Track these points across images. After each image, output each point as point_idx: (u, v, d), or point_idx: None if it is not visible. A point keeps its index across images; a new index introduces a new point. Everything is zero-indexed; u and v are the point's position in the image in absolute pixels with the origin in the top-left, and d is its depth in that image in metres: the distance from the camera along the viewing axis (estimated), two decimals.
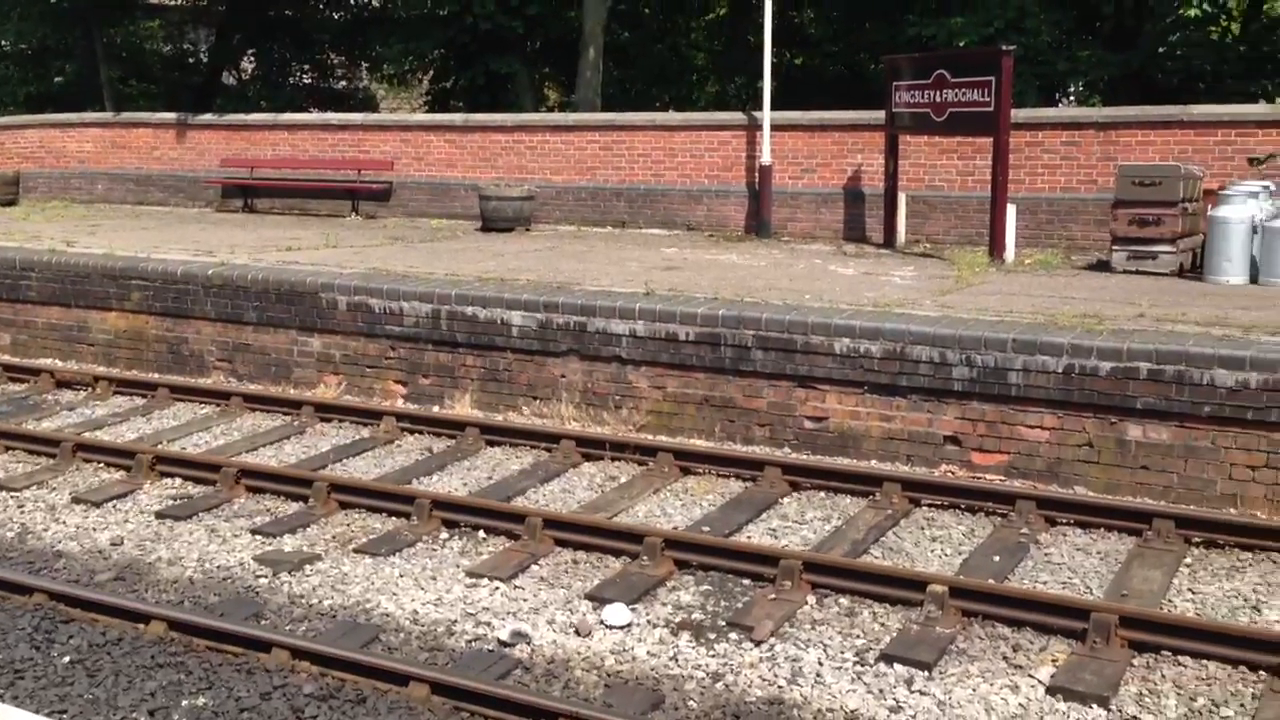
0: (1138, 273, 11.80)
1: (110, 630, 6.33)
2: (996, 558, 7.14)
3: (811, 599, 6.66)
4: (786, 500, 8.34)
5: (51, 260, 13.41)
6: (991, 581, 6.70)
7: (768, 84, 15.70)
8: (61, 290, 13.25)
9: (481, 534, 7.76)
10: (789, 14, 23.50)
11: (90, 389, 11.76)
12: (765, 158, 15.54)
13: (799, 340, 9.32)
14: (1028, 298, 10.31)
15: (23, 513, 8.34)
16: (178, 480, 8.91)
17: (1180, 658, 5.89)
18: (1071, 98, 21.10)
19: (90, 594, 6.67)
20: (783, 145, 15.67)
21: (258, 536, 7.77)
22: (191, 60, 29.47)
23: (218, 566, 7.30)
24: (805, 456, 9.15)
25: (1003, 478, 8.59)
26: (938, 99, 13.28)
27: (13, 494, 8.71)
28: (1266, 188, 11.88)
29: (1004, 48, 12.91)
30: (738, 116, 16.58)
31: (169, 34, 29.11)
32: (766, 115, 15.55)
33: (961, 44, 17.93)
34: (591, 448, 9.36)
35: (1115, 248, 12.10)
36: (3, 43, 25.09)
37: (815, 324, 9.28)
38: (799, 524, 7.90)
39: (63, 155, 21.78)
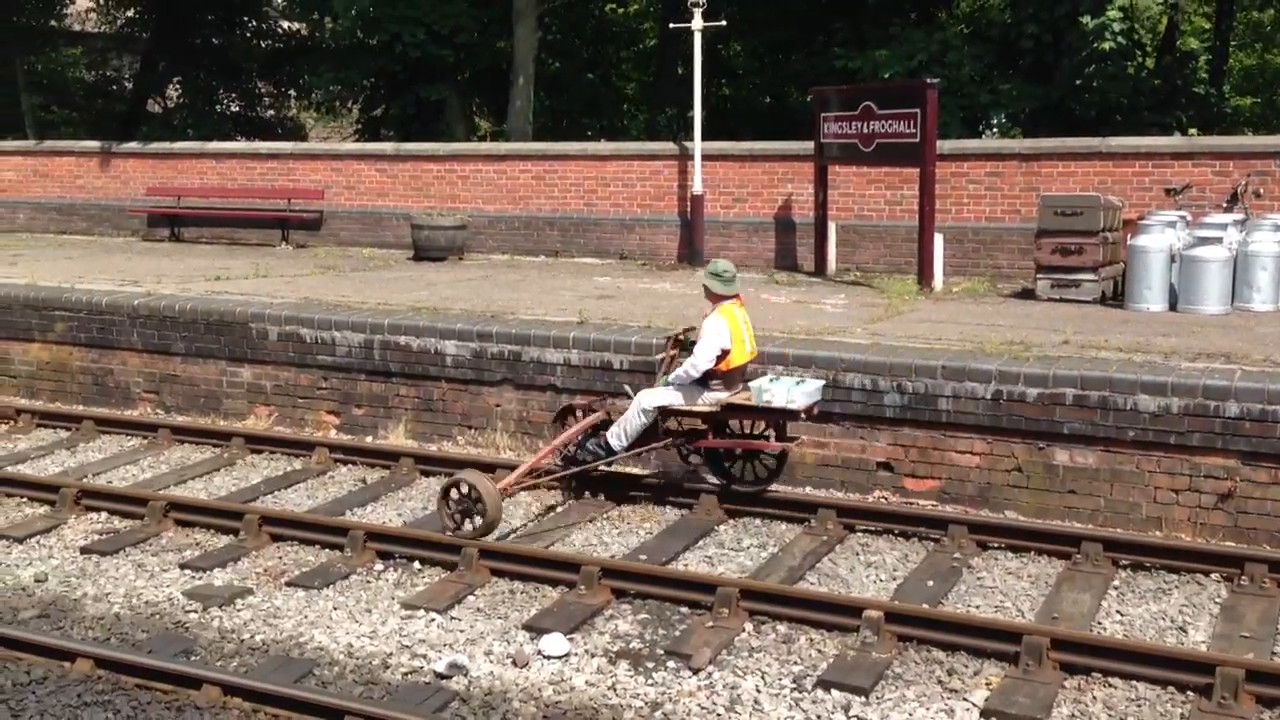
0: (1062, 300, 12.08)
1: (35, 669, 6.16)
2: (930, 582, 7.24)
3: (749, 626, 6.69)
4: (723, 528, 8.38)
5: None
6: (926, 606, 6.79)
7: (698, 114, 15.86)
8: None
9: (417, 565, 7.68)
10: (717, 46, 23.77)
11: (12, 422, 11.46)
12: (697, 187, 15.68)
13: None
14: (956, 325, 10.50)
15: None
16: (104, 514, 8.71)
17: (1110, 679, 6.01)
18: (994, 129, 21.60)
19: (13, 632, 6.48)
20: (714, 175, 15.82)
21: (187, 571, 7.63)
22: (115, 88, 29.01)
23: (146, 602, 7.14)
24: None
25: (935, 503, 8.72)
26: (865, 130, 13.51)
27: None
28: (1183, 217, 12.24)
29: (929, 80, 13.19)
30: (669, 146, 16.72)
31: (92, 61, 28.65)
32: (698, 145, 15.70)
33: (886, 76, 18.28)
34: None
35: (1039, 276, 12.37)
36: None
37: None
38: (735, 551, 7.94)
39: None
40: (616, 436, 8.62)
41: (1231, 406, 7.91)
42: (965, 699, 5.84)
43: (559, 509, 8.80)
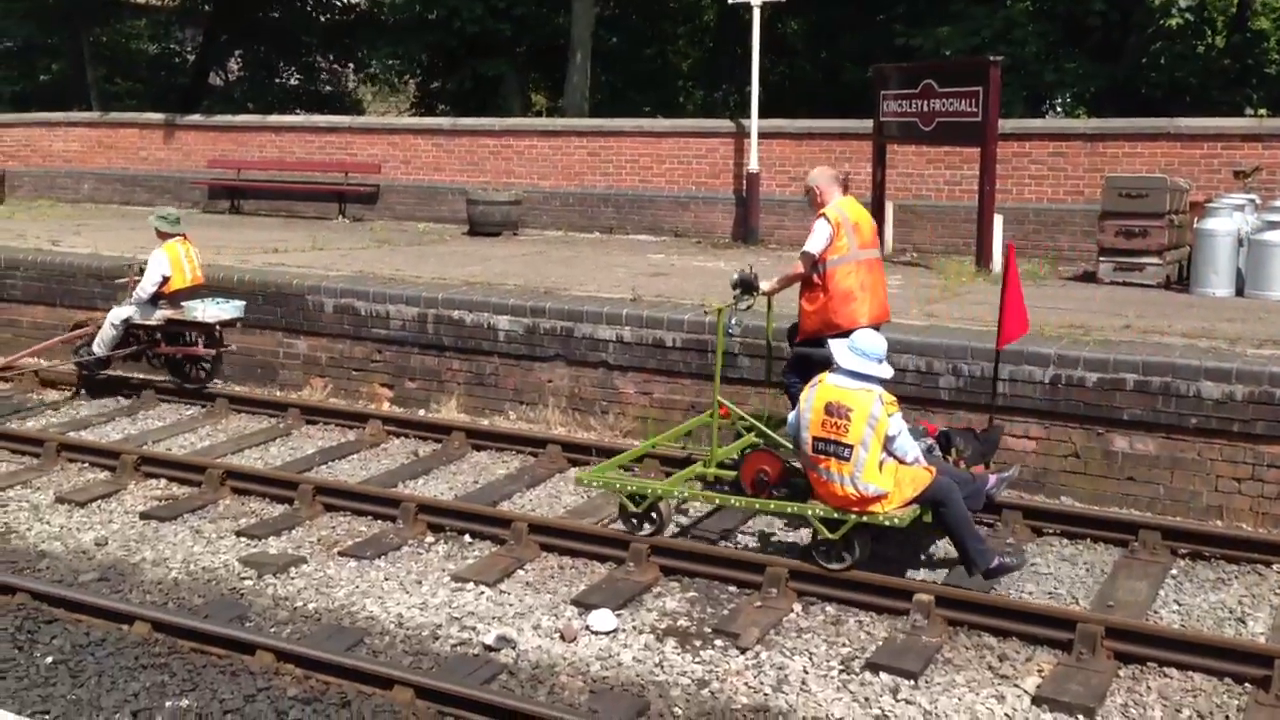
0: (1124, 284, 11.86)
1: (94, 631, 6.29)
2: None
3: (798, 607, 6.66)
4: None
5: (37, 259, 13.33)
6: (977, 592, 6.71)
7: (755, 92, 15.73)
8: (46, 289, 13.17)
9: (467, 538, 7.73)
10: (775, 24, 23.56)
11: (75, 389, 11.68)
12: (753, 165, 15.57)
13: (785, 349, 9.31)
14: None
15: (5, 512, 8.27)
16: (163, 481, 8.86)
17: (1166, 669, 5.91)
18: (1058, 109, 21.21)
19: (74, 594, 6.63)
20: (770, 153, 15.70)
21: (243, 538, 7.74)
22: (178, 61, 29.34)
23: (203, 568, 7.26)
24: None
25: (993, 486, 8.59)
26: (925, 109, 13.33)
27: None
28: (1252, 200, 11.95)
29: (992, 58, 12.97)
30: (725, 124, 16.61)
31: (155, 34, 28.98)
32: (754, 123, 15.58)
33: (948, 54, 18.01)
34: (578, 453, 9.34)
35: (1102, 259, 12.15)
36: None
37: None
38: (786, 530, 7.90)
39: (49, 154, 21.66)
40: (98, 344, 11.08)
41: None
42: (1016, 685, 5.78)
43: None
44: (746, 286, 8.14)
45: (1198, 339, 8.84)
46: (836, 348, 6.88)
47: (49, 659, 6.01)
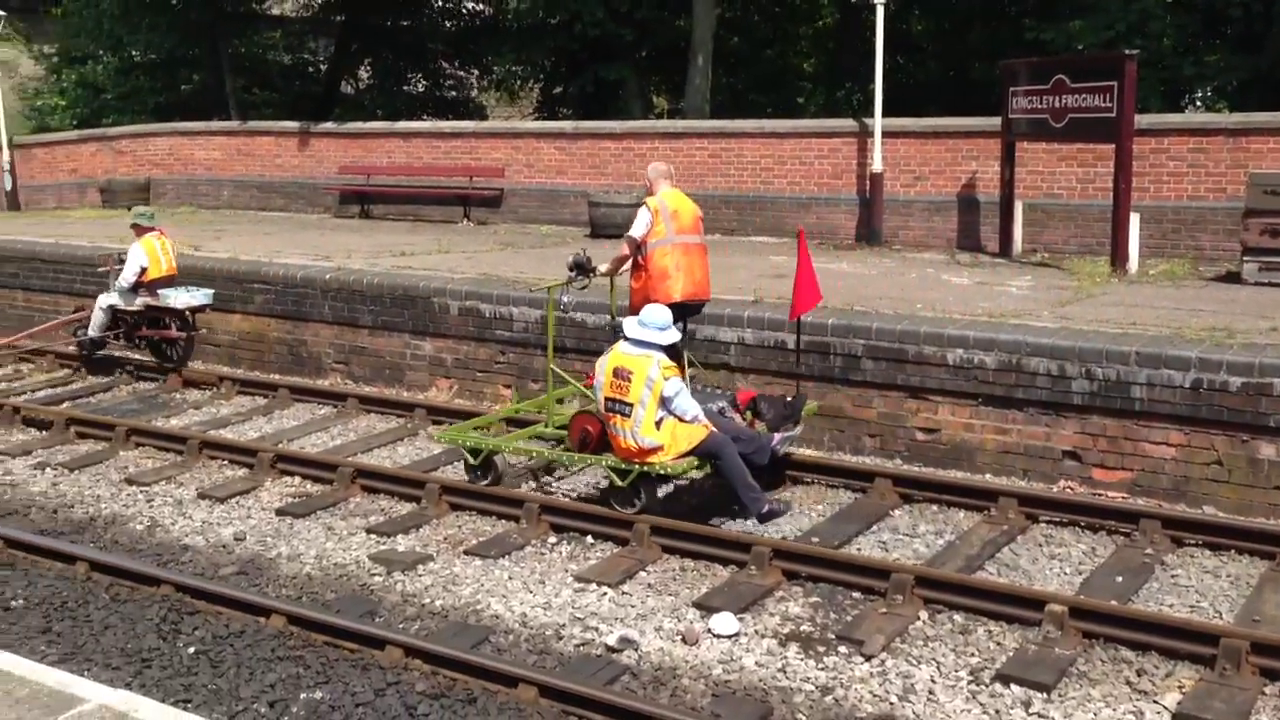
0: (1270, 284, 11.34)
1: (233, 623, 6.52)
2: (1119, 578, 6.93)
3: (924, 615, 6.54)
4: (897, 513, 8.21)
5: (179, 264, 13.85)
6: (1114, 603, 6.49)
7: (879, 90, 15.51)
8: None
9: (589, 539, 7.79)
10: (899, 21, 23.21)
11: (215, 389, 12.14)
12: (876, 165, 15.35)
13: (910, 350, 9.18)
14: (1152, 310, 9.98)
15: (152, 507, 8.64)
16: (297, 479, 9.14)
17: None
18: (1198, 103, 20.40)
19: (215, 587, 6.88)
20: (894, 152, 15.46)
21: (373, 535, 7.93)
22: (311, 70, 30.22)
23: (335, 564, 7.46)
24: (917, 468, 9.00)
25: (1126, 495, 8.33)
26: (1057, 104, 12.96)
27: (143, 488, 9.04)
28: None
29: (1127, 52, 12.56)
30: (848, 123, 16.41)
31: (290, 44, 29.89)
32: (878, 122, 15.36)
33: (1080, 48, 17.48)
34: None
35: (1246, 259, 11.65)
36: (134, 53, 25.99)
37: (927, 334, 9.13)
38: (910, 537, 7.77)
39: (191, 162, 22.55)
40: (91, 327, 12.66)
41: None
42: (1155, 701, 5.57)
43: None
44: (581, 269, 9.07)
45: None
46: (627, 320, 7.92)
47: (191, 649, 6.25)
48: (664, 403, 7.60)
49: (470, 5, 28.79)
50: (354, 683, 5.84)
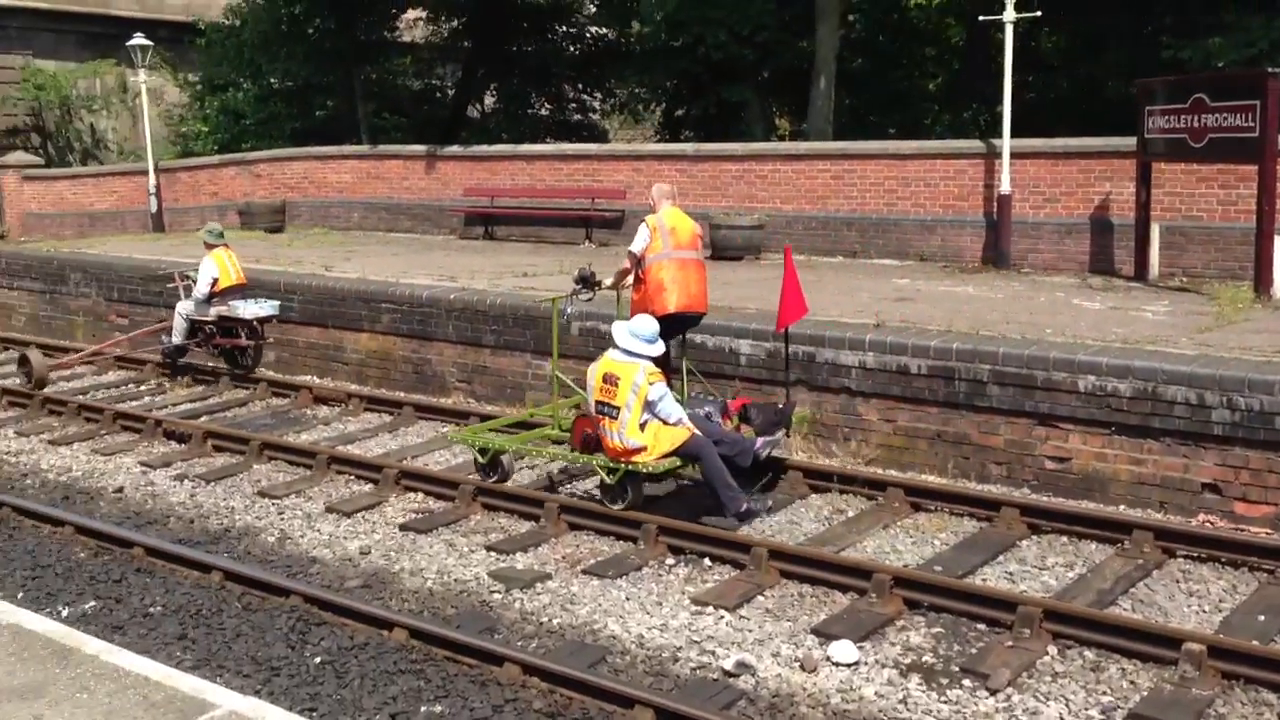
0: None
1: (358, 635, 6.66)
2: (1262, 617, 6.61)
3: (1052, 649, 6.34)
4: (1025, 543, 7.99)
5: (312, 284, 14.32)
6: (1255, 643, 6.20)
7: (1008, 110, 15.18)
8: (320, 312, 14.13)
9: (707, 561, 7.76)
10: (1029, 40, 22.72)
11: (343, 405, 12.47)
12: (1004, 187, 15.02)
13: (1039, 376, 8.94)
14: None
15: (282, 519, 8.90)
16: (420, 495, 9.32)
17: None
18: None
19: (341, 599, 7.05)
20: (1023, 174, 15.11)
21: (492, 553, 8.03)
22: (439, 95, 30.95)
23: (455, 580, 7.58)
24: (1046, 498, 8.75)
25: (1270, 531, 7.95)
26: (1195, 124, 12.51)
27: (274, 501, 9.32)
28: None
29: (1269, 70, 12.05)
30: (975, 144, 16.11)
31: (419, 70, 30.67)
32: (1006, 143, 15.04)
33: (1220, 66, 16.86)
34: (819, 479, 9.24)
35: None
36: (272, 81, 27.02)
37: (1057, 359, 8.89)
38: (1039, 569, 7.55)
39: (323, 185, 23.28)
40: (171, 334, 13.82)
41: None
42: None
43: (852, 514, 8.66)
44: (586, 282, 9.81)
45: None
46: (617, 329, 8.47)
47: (317, 659, 6.40)
48: (649, 406, 8.16)
49: (594, 30, 29.17)
50: (472, 698, 5.91)
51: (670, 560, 7.82)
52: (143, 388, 14.01)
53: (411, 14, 27.77)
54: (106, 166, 28.78)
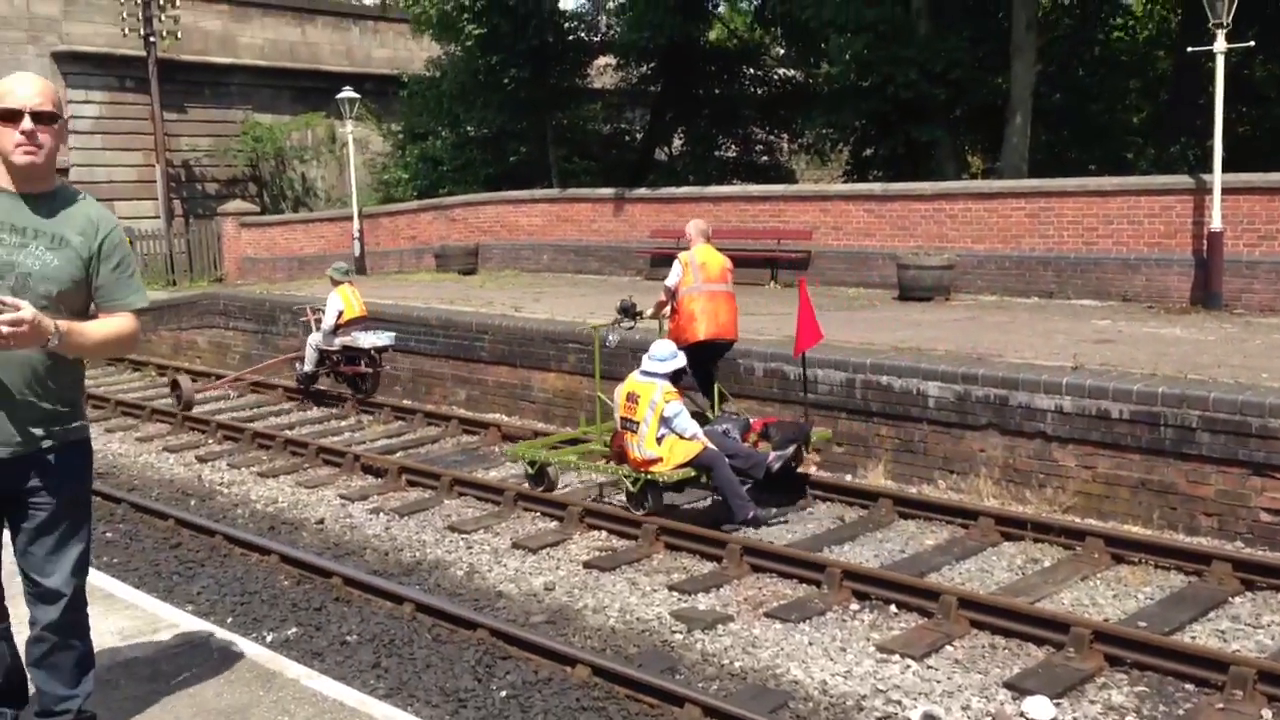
0: None
1: (541, 670, 6.75)
2: None
3: (1268, 713, 5.91)
4: (1238, 600, 7.49)
5: (502, 324, 14.74)
6: None
7: (1218, 144, 14.43)
8: (509, 351, 14.52)
9: (893, 608, 7.56)
10: (1241, 69, 21.58)
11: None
12: (1215, 223, 14.26)
13: (1254, 423, 8.41)
14: None
15: (471, 554, 9.14)
16: (604, 533, 9.42)
17: None
18: None
19: (526, 634, 7.16)
20: (1236, 209, 14.31)
21: (674, 593, 8.03)
22: (627, 139, 31.56)
23: (637, 618, 7.60)
24: (1262, 552, 8.19)
25: None
26: None
27: (463, 536, 9.58)
28: None
29: None
30: (1182, 180, 15.36)
31: (608, 115, 31.38)
32: (1217, 178, 14.28)
33: None
34: (1012, 527, 8.91)
35: None
36: (469, 129, 28.13)
37: (1275, 405, 8.34)
38: (1253, 628, 7.06)
39: (514, 228, 24.00)
40: (304, 363, 15.21)
41: None
42: None
43: (1048, 563, 8.30)
44: (627, 312, 10.98)
45: None
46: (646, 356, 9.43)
47: (503, 692, 6.52)
48: (665, 422, 9.06)
49: (782, 72, 29.23)
50: None
51: (855, 605, 7.66)
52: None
53: (602, 61, 28.47)
54: (315, 213, 30.49)
